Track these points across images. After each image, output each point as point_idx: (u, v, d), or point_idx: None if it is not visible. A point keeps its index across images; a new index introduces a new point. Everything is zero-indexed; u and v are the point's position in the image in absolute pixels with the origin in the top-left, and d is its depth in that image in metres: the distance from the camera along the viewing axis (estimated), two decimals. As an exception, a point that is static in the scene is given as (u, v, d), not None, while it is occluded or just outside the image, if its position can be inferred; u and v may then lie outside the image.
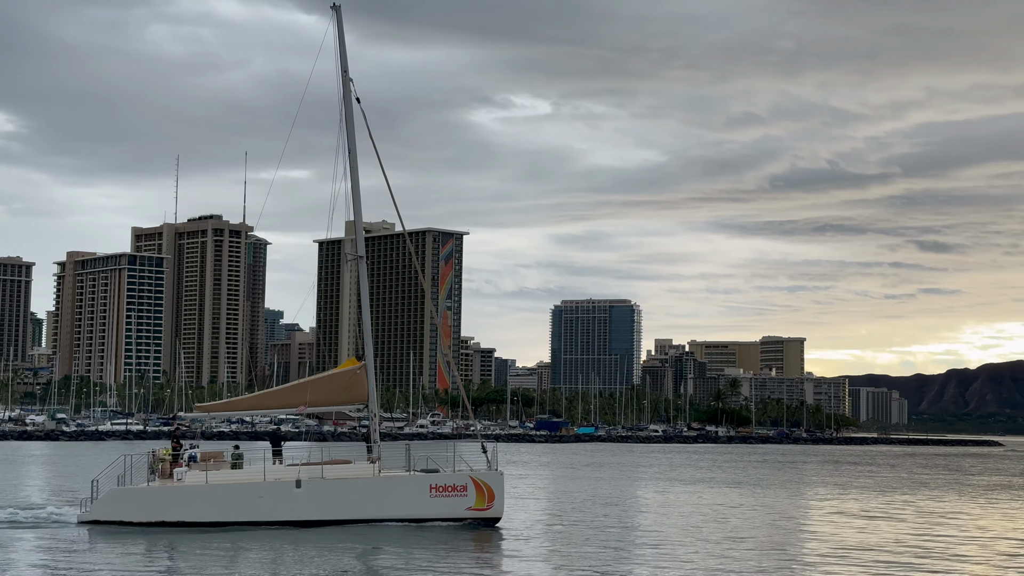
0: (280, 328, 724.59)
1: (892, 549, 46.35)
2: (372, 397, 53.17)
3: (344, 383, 53.57)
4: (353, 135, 54.17)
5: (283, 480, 49.12)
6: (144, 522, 48.35)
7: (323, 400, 53.74)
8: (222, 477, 49.71)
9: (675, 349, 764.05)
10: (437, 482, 49.80)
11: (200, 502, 48.89)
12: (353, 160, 54.34)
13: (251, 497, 48.93)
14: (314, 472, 49.46)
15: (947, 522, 60.89)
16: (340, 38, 54.18)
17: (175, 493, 49.21)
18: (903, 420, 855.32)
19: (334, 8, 54.21)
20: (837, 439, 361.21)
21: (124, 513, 48.90)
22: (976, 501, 79.98)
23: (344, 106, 54.14)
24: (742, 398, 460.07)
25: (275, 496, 48.90)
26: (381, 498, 49.58)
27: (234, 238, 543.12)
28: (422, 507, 49.52)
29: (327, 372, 56.50)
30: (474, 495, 49.77)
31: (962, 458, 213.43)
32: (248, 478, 49.79)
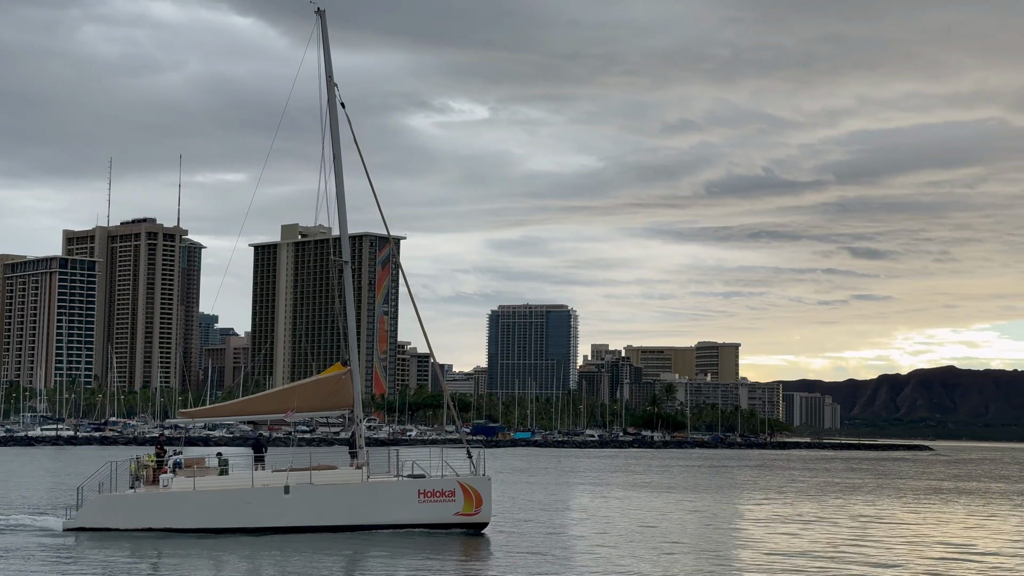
0: (215, 332, 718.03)
1: (824, 553, 46.70)
2: (358, 402, 53.04)
3: (330, 388, 53.38)
4: (338, 140, 54.05)
5: (271, 486, 48.82)
6: (131, 529, 47.98)
7: (310, 405, 53.63)
8: (210, 483, 49.27)
9: (611, 354, 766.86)
10: (425, 487, 49.74)
11: (188, 509, 48.56)
12: (338, 165, 54.20)
13: (239, 504, 48.62)
14: (302, 478, 49.10)
15: (879, 526, 61.50)
16: (324, 43, 53.97)
17: (162, 500, 48.92)
18: (836, 425, 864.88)
19: (318, 13, 54.00)
20: (771, 444, 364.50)
21: (111, 520, 48.52)
22: (908, 505, 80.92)
23: (328, 111, 53.95)
24: (677, 403, 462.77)
25: (263, 503, 48.60)
26: (369, 504, 49.48)
27: (168, 241, 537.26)
28: (410, 513, 49.48)
29: (313, 377, 56.26)
30: (462, 500, 49.78)
31: (893, 462, 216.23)
32: (236, 484, 49.46)
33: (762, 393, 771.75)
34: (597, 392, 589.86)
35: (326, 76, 53.92)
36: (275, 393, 57.30)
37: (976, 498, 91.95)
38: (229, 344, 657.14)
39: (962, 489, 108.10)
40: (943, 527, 61.82)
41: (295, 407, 52.56)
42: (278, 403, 54.36)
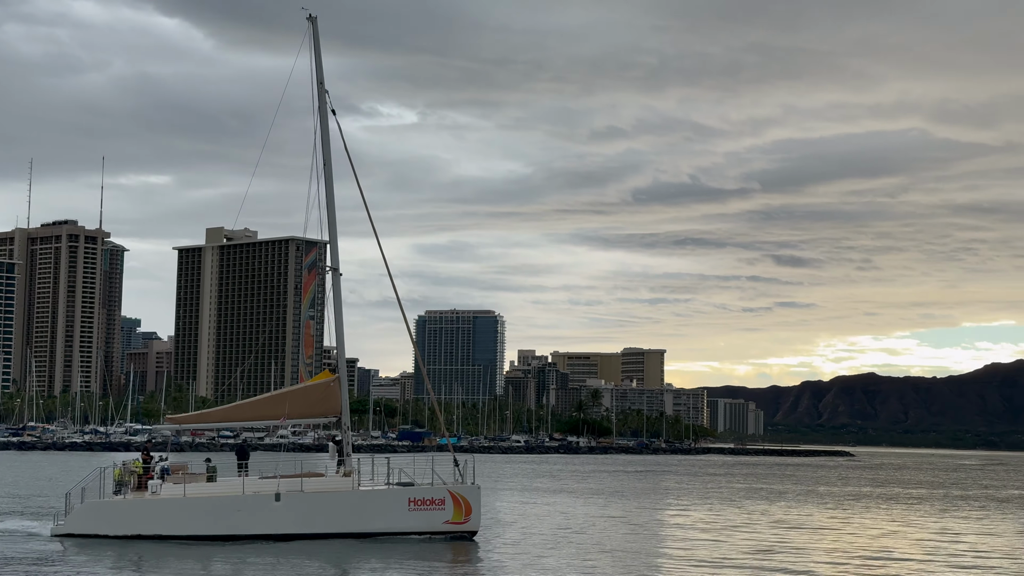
0: (137, 337, 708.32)
1: (745, 559, 47.04)
2: (345, 409, 53.11)
3: (319, 395, 53.31)
4: (328, 147, 54.03)
5: (262, 493, 48.61)
6: (119, 535, 47.65)
7: (298, 412, 53.44)
8: (200, 490, 48.99)
9: (538, 360, 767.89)
10: (416, 496, 49.89)
11: (177, 515, 48.37)
12: (328, 171, 54.09)
13: (229, 511, 48.44)
14: (293, 485, 48.94)
15: (800, 532, 62.09)
16: (316, 48, 54.02)
17: (152, 506, 48.61)
18: (759, 431, 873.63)
19: (310, 20, 54.07)
20: (695, 450, 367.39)
21: (99, 526, 48.20)
22: (829, 511, 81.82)
23: (319, 118, 53.96)
24: (603, 409, 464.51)
25: (253, 510, 48.40)
26: (360, 512, 49.51)
27: (90, 244, 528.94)
28: (400, 520, 49.50)
29: (301, 384, 55.78)
30: (452, 509, 49.94)
31: (815, 469, 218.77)
32: (226, 491, 49.14)
33: (687, 399, 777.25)
34: (523, 398, 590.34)
35: (317, 82, 53.88)
36: (264, 400, 56.87)
37: (896, 504, 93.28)
38: (152, 348, 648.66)
39: (882, 495, 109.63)
40: (863, 533, 62.60)
41: (287, 413, 52.40)
42: (268, 410, 54.31)
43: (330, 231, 54.30)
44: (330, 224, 54.22)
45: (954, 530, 65.57)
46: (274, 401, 54.84)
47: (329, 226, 54.21)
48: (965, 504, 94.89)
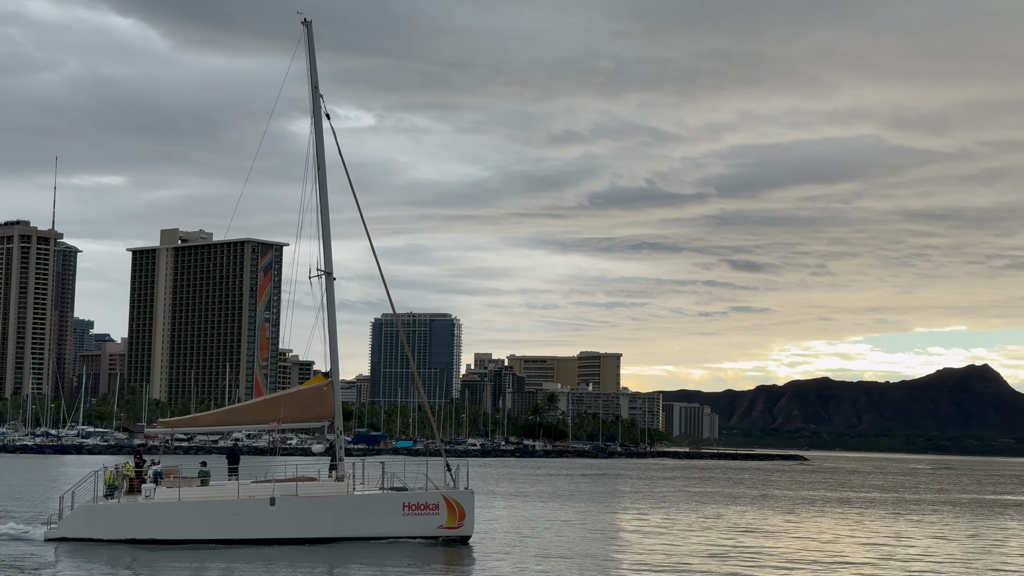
0: (90, 338, 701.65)
1: (698, 563, 47.19)
2: (338, 414, 53.16)
3: (312, 400, 53.30)
4: (323, 151, 53.91)
5: (257, 498, 48.63)
6: (114, 539, 47.61)
7: (291, 416, 53.22)
8: (195, 494, 49.05)
9: (494, 363, 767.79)
10: (410, 500, 50.08)
11: (172, 519, 48.32)
12: (322, 176, 54.08)
13: (224, 515, 48.51)
14: (288, 490, 49.02)
15: (754, 535, 62.39)
16: (311, 53, 54.01)
17: (147, 510, 48.57)
18: (714, 435, 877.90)
19: (305, 24, 54.07)
20: (651, 453, 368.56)
21: (94, 530, 48.14)
22: (783, 515, 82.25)
23: (314, 122, 53.95)
24: (559, 412, 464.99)
25: (248, 514, 48.46)
26: (355, 516, 49.63)
27: (42, 245, 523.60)
28: (395, 525, 49.70)
29: (294, 388, 55.84)
30: (446, 513, 50.17)
31: (769, 472, 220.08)
32: (221, 495, 49.23)
33: (643, 403, 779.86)
34: (480, 401, 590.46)
35: (311, 87, 53.92)
36: (257, 404, 56.85)
37: (849, 508, 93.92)
38: (104, 350, 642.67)
39: (835, 499, 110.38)
40: (816, 537, 62.95)
41: (281, 418, 52.38)
42: (262, 414, 54.37)
43: (324, 235, 53.96)
44: (324, 228, 53.99)
45: (906, 534, 66.09)
46: (268, 405, 54.94)
47: (323, 230, 53.95)
48: (917, 508, 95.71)
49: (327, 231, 53.97)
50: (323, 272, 53.81)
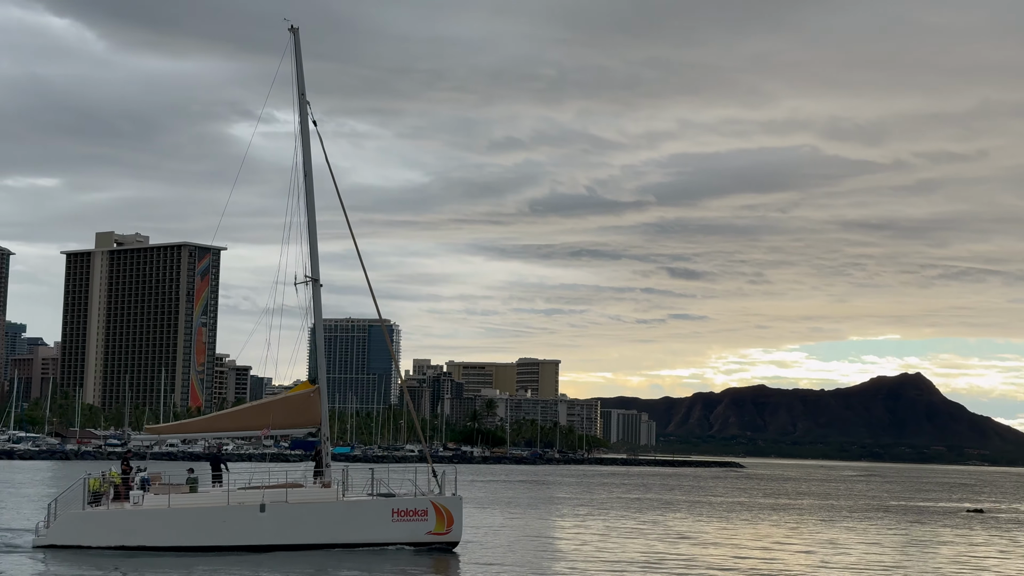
0: (22, 342, 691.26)
1: (634, 571, 47.36)
2: (325, 420, 53.28)
3: (299, 406, 53.35)
4: (310, 158, 54.32)
5: (247, 504, 48.63)
6: (103, 547, 47.31)
7: (280, 423, 53.44)
8: (185, 501, 49.00)
9: (433, 369, 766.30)
10: (399, 507, 50.30)
11: (163, 526, 48.22)
12: (309, 183, 54.66)
13: (214, 522, 48.45)
14: (278, 496, 49.12)
15: (690, 541, 62.72)
16: (297, 59, 54.22)
17: (136, 517, 48.41)
18: (651, 442, 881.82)
19: (292, 31, 54.29)
20: (588, 460, 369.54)
21: (84, 537, 47.86)
22: (718, 521, 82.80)
23: (300, 128, 54.28)
24: (498, 419, 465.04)
25: (239, 521, 48.43)
26: (345, 523, 49.69)
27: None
28: (384, 532, 49.89)
29: (282, 395, 55.91)
30: (434, 519, 50.46)
31: (706, 479, 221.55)
32: (212, 502, 49.14)
33: (581, 410, 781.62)
34: (418, 407, 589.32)
35: (298, 93, 54.18)
36: (246, 409, 56.93)
37: (783, 514, 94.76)
38: (37, 354, 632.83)
39: (771, 505, 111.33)
40: (751, 543, 63.42)
41: (270, 424, 52.64)
42: (252, 420, 54.33)
43: (310, 241, 54.16)
44: (310, 234, 54.20)
45: (839, 540, 66.79)
46: (257, 411, 55.08)
47: (309, 236, 54.15)
48: (850, 515, 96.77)
49: (314, 238, 54.16)
50: (311, 279, 53.98)
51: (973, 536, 74.27)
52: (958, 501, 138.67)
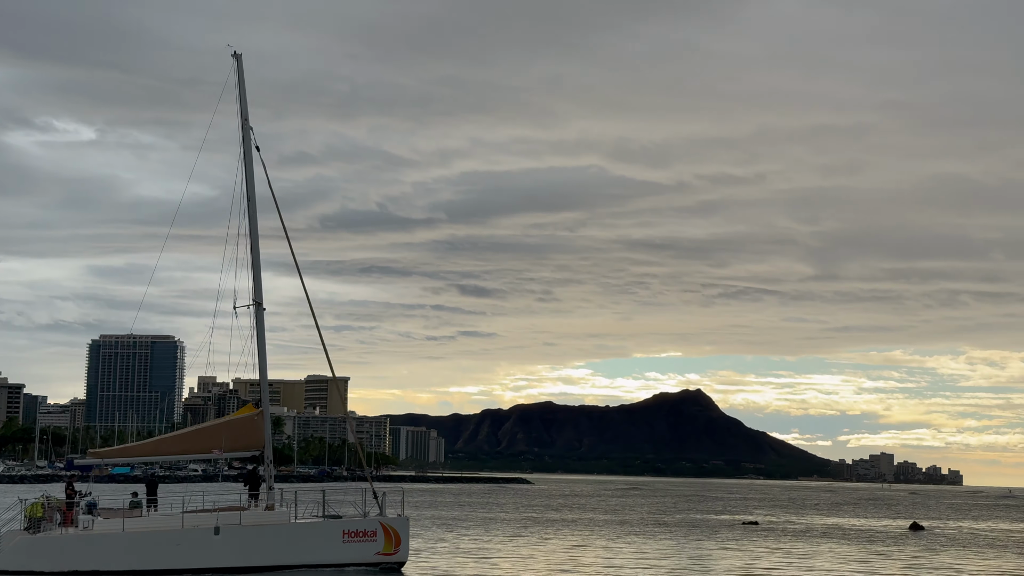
0: None
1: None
2: (268, 443, 53.89)
3: (243, 429, 53.98)
4: (252, 182, 55.51)
5: (201, 527, 49.23)
6: (56, 572, 47.37)
7: (227, 446, 54.00)
8: (139, 524, 49.35)
9: (219, 387, 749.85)
10: (350, 528, 51.40)
11: (118, 550, 48.33)
12: (252, 207, 55.63)
13: (169, 545, 48.74)
14: (231, 519, 49.84)
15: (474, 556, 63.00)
16: (240, 85, 55.45)
17: (91, 541, 48.49)
18: (440, 458, 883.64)
19: (235, 56, 55.49)
20: (377, 477, 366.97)
21: (35, 563, 47.65)
22: (505, 536, 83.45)
23: (243, 153, 55.43)
24: (285, 436, 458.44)
25: (193, 544, 48.86)
26: (297, 544, 50.42)
27: None
28: (335, 553, 50.69)
29: (226, 418, 56.63)
30: (383, 540, 51.51)
31: (494, 495, 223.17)
32: (166, 526, 49.55)
33: (370, 427, 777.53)
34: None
35: (241, 118, 55.38)
36: (190, 433, 57.85)
37: (571, 528, 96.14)
38: None
39: (558, 520, 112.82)
40: (537, 558, 64.10)
41: (222, 447, 53.26)
42: (196, 443, 55.39)
43: (253, 265, 54.95)
44: (253, 258, 55.04)
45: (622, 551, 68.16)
46: (201, 435, 56.03)
47: (253, 260, 55.00)
48: (628, 528, 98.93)
49: (257, 262, 55.01)
50: (254, 303, 54.62)
51: (749, 546, 76.89)
52: (734, 514, 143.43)
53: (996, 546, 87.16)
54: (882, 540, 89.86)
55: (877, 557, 70.09)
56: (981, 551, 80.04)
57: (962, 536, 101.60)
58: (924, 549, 79.81)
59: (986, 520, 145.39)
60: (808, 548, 77.51)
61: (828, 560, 66.60)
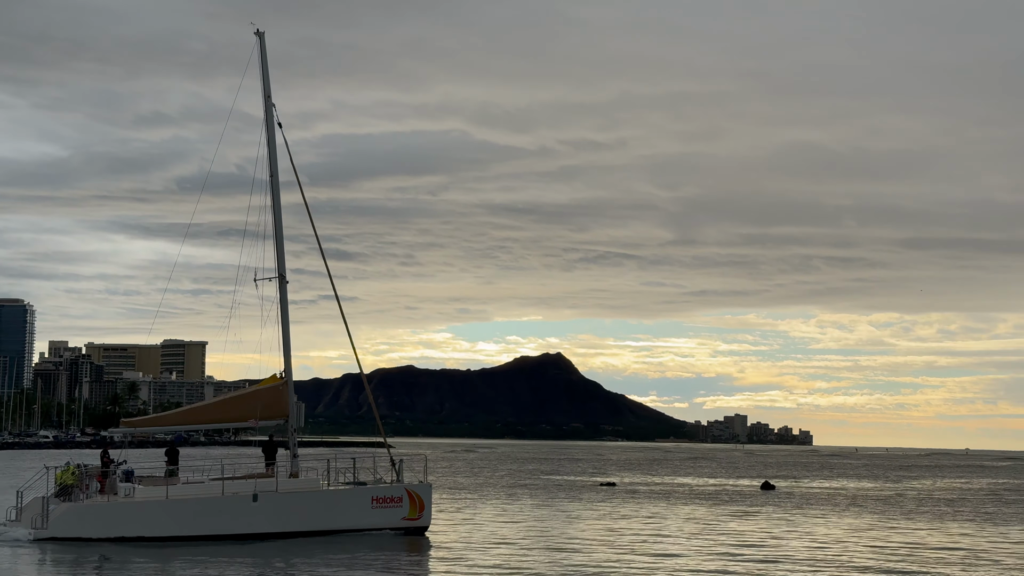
0: None
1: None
2: (292, 412, 56.68)
3: (270, 399, 55.96)
4: (275, 159, 57.73)
5: (241, 495, 51.12)
6: (102, 538, 48.77)
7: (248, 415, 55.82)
8: (181, 492, 51.28)
9: (71, 351, 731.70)
10: (378, 494, 53.59)
11: (162, 517, 50.23)
12: (275, 183, 57.85)
13: (211, 511, 50.70)
14: (269, 486, 51.81)
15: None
16: (263, 63, 57.50)
17: (138, 508, 50.25)
18: (300, 423, 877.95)
19: (258, 34, 57.16)
20: (234, 442, 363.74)
21: (84, 530, 49.27)
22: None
23: (267, 130, 57.70)
24: (140, 402, 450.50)
25: (233, 510, 50.83)
26: (329, 511, 52.72)
27: None
28: (365, 518, 53.13)
29: (252, 388, 57.83)
30: (408, 506, 53.80)
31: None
32: (207, 493, 51.30)
33: (228, 391, 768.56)
34: (54, 391, 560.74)
35: (264, 95, 57.60)
36: (219, 403, 59.39)
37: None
38: None
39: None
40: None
41: (257, 416, 55.19)
42: (236, 412, 56.87)
43: (277, 240, 57.30)
44: (277, 233, 57.32)
45: (479, 513, 68.69)
46: (241, 403, 57.01)
47: (276, 235, 57.28)
48: (491, 490, 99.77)
49: (280, 236, 57.39)
50: (277, 275, 57.48)
51: (604, 507, 78.15)
52: (592, 475, 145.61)
53: (840, 504, 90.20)
54: (735, 500, 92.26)
55: (730, 518, 71.91)
56: (826, 508, 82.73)
57: (812, 495, 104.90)
58: (773, 507, 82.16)
59: (836, 479, 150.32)
60: (664, 509, 79.14)
61: (681, 521, 68.05)
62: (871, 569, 44.12)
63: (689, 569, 42.93)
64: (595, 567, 43.00)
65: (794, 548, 51.77)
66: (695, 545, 52.22)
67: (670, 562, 44.98)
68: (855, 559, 47.59)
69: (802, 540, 55.98)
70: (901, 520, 72.22)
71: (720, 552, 49.17)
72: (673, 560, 45.63)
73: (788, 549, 51.26)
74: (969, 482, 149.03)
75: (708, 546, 51.77)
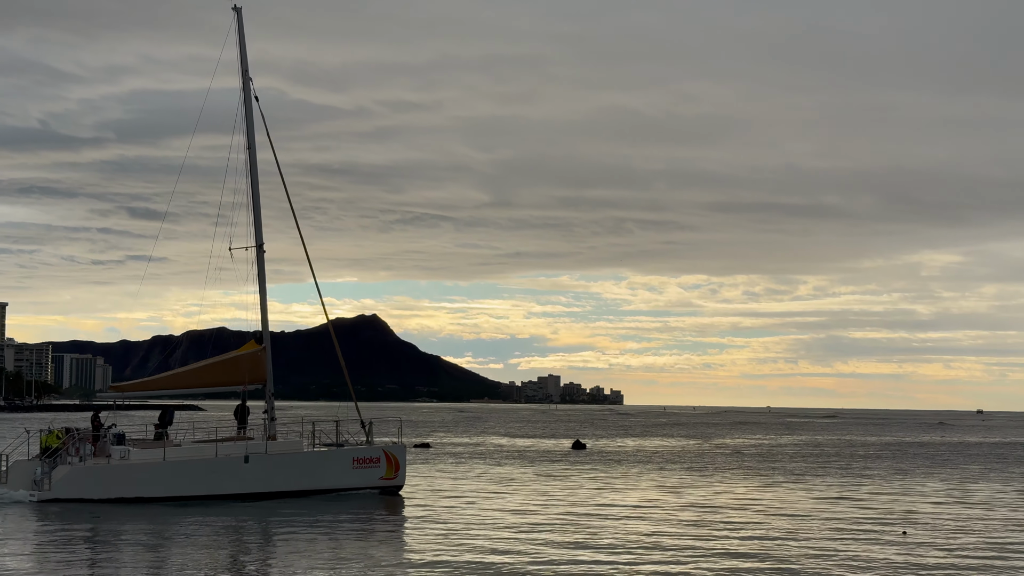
0: None
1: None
2: (270, 377, 58.75)
3: (248, 364, 58.19)
4: (253, 132, 59.41)
5: (233, 456, 53.57)
6: (102, 499, 50.58)
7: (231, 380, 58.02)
8: (177, 454, 53.36)
9: None
10: (358, 455, 56.73)
11: (159, 478, 52.19)
12: (252, 156, 59.63)
13: (204, 472, 53.02)
14: (258, 448, 54.37)
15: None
16: (240, 39, 59.27)
17: (136, 470, 52.12)
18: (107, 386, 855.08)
19: (235, 10, 58.86)
20: (38, 407, 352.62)
21: (86, 491, 51.04)
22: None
23: (244, 105, 59.36)
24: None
25: (225, 471, 53.32)
26: (315, 471, 55.69)
27: None
28: (346, 478, 56.23)
29: (231, 353, 59.44)
30: (385, 466, 57.00)
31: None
32: (201, 455, 53.70)
33: (30, 355, 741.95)
34: None
35: (241, 71, 59.20)
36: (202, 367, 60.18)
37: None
38: None
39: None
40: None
41: (244, 380, 57.35)
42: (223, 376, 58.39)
43: (255, 210, 59.12)
44: (254, 204, 59.24)
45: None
46: (226, 366, 58.41)
47: (253, 206, 59.16)
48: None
49: (258, 207, 59.21)
50: (255, 245, 59.19)
51: (419, 467, 78.61)
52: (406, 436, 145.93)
53: (645, 461, 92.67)
54: (546, 459, 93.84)
55: (542, 476, 73.13)
56: (631, 466, 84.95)
57: (620, 453, 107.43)
58: (582, 465, 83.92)
59: (643, 438, 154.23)
60: (481, 468, 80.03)
61: (490, 480, 68.98)
62: (684, 522, 45.52)
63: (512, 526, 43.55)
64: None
65: (607, 501, 53.34)
66: (516, 504, 53.07)
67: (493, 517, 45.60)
68: (659, 514, 49.05)
69: (615, 495, 57.54)
70: (700, 478, 74.61)
71: (533, 510, 50.07)
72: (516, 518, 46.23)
73: (599, 503, 52.67)
74: (774, 439, 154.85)
75: (526, 506, 52.68)
